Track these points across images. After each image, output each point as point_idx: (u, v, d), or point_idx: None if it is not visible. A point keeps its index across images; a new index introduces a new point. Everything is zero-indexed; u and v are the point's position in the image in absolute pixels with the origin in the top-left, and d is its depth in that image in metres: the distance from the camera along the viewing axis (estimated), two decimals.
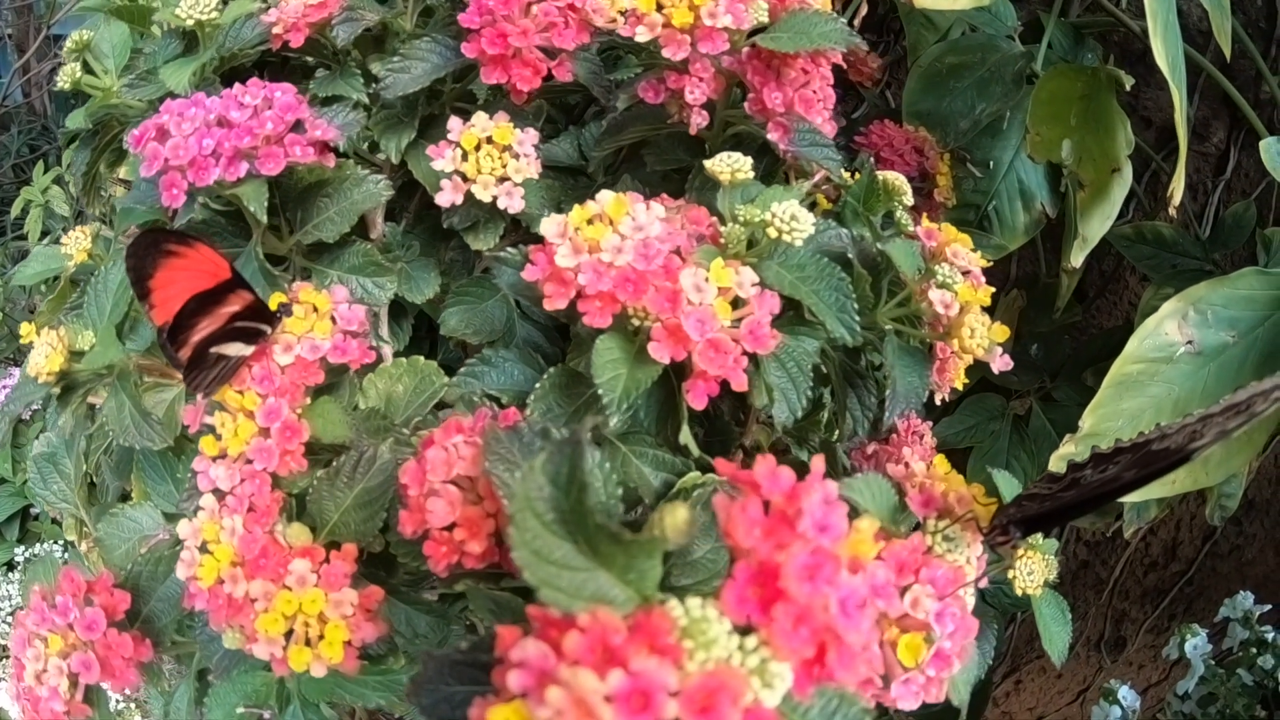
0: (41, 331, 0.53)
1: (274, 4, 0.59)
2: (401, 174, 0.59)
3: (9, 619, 1.30)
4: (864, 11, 0.63)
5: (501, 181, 0.51)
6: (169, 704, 0.57)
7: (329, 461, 0.46)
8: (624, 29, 0.50)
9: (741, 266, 0.42)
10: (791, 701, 0.25)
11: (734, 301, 0.42)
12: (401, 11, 0.59)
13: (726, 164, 0.47)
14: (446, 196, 0.51)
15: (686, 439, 0.43)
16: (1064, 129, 0.73)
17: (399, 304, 0.60)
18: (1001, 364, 0.52)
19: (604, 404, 0.39)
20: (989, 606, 0.59)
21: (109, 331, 0.54)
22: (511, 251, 0.45)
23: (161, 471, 0.61)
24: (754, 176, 0.48)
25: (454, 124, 0.52)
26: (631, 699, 0.22)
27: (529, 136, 0.52)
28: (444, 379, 0.51)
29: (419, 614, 0.48)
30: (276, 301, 0.47)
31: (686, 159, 0.58)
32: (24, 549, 1.37)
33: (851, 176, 0.58)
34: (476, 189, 0.51)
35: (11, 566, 1.36)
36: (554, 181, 0.59)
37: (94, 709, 0.48)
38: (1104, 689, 0.84)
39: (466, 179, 0.51)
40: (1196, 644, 0.82)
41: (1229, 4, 0.70)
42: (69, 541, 0.72)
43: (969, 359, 0.52)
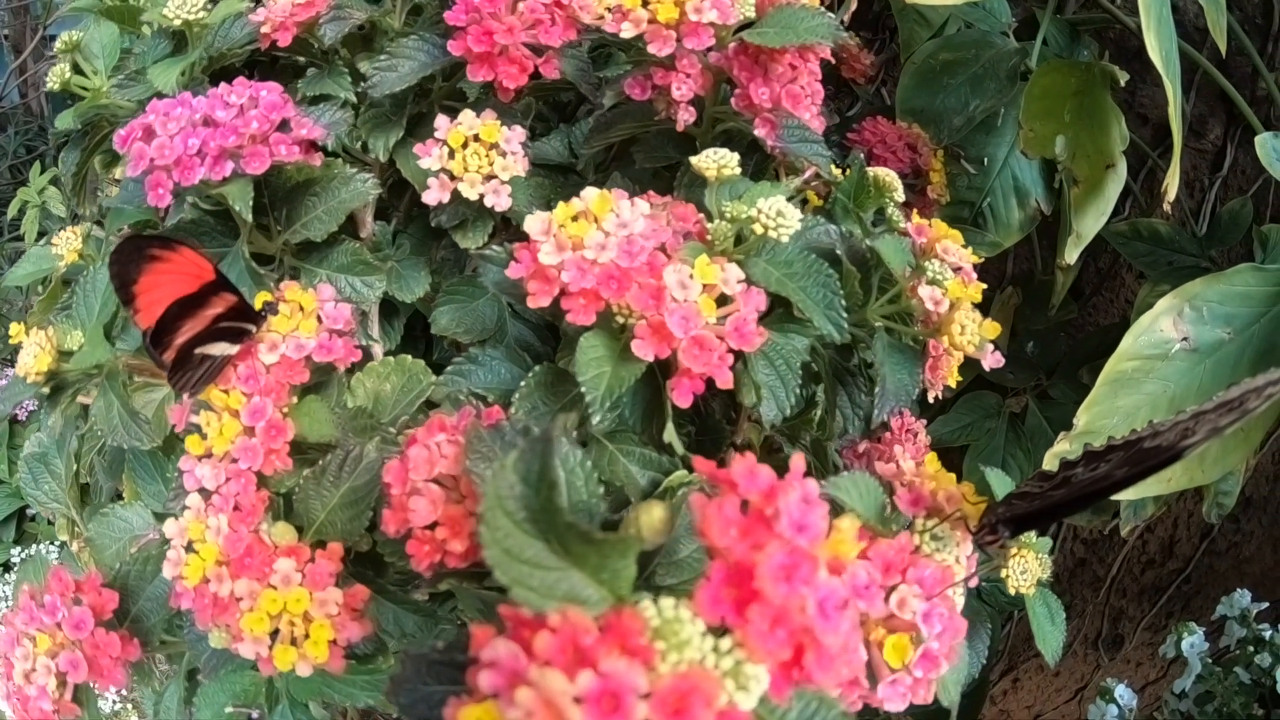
0: (30, 332, 0.53)
1: (264, 3, 0.59)
2: (391, 173, 0.59)
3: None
4: (854, 7, 0.63)
5: (488, 179, 0.51)
6: (159, 703, 0.57)
7: (317, 461, 0.46)
8: (609, 25, 0.49)
9: (727, 263, 0.42)
10: (769, 704, 0.25)
11: (720, 298, 0.42)
12: (390, 10, 0.59)
13: (713, 160, 0.46)
14: (433, 194, 0.51)
15: (671, 437, 0.43)
16: (1058, 125, 0.72)
17: (391, 303, 0.60)
18: (992, 361, 0.51)
19: (587, 402, 0.39)
20: (985, 605, 0.58)
21: (97, 331, 0.54)
22: (496, 249, 0.45)
23: (152, 471, 0.61)
24: (745, 174, 0.48)
25: (441, 122, 0.51)
26: (601, 701, 0.22)
27: (516, 134, 0.52)
28: (431, 378, 0.51)
29: (407, 613, 0.48)
30: (261, 300, 0.47)
31: (676, 156, 0.57)
32: (20, 550, 1.37)
33: (843, 173, 0.57)
34: (463, 187, 0.51)
35: (8, 568, 1.36)
36: (545, 180, 0.59)
37: (83, 708, 0.48)
38: (1101, 688, 0.83)
39: (453, 177, 0.51)
40: (1193, 642, 0.82)
41: (1225, 0, 0.70)
42: (63, 542, 0.72)
43: (960, 356, 0.51)
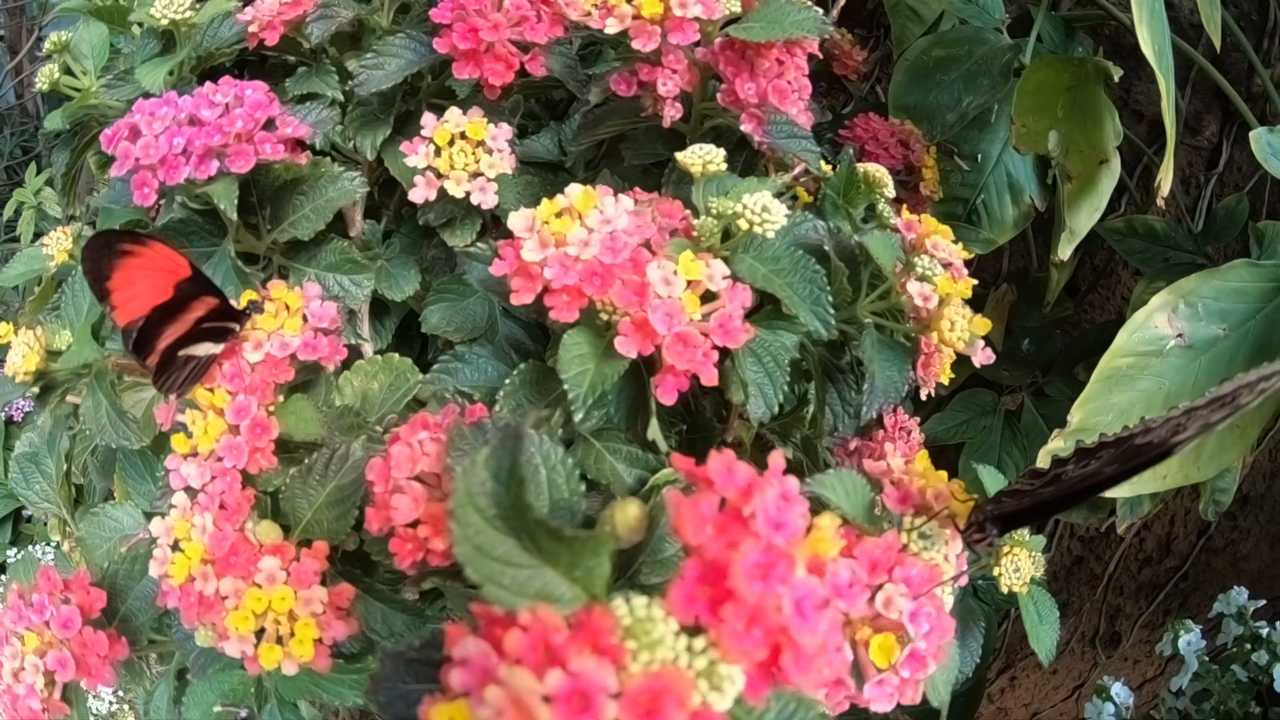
0: (19, 331, 0.53)
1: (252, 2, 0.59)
2: (381, 171, 0.58)
3: None
4: (842, 3, 0.62)
5: (474, 177, 0.51)
6: (149, 702, 0.57)
7: (304, 459, 0.46)
8: (595, 21, 0.49)
9: (712, 259, 0.41)
10: (745, 705, 0.25)
11: (705, 295, 0.41)
12: (377, 8, 0.59)
13: (698, 156, 0.46)
14: (420, 192, 0.51)
15: (655, 435, 0.43)
16: (1050, 120, 0.72)
17: (384, 302, 0.60)
18: (983, 357, 0.51)
19: (570, 399, 0.39)
20: (981, 603, 0.58)
21: (85, 331, 0.54)
22: (481, 247, 0.45)
23: (142, 470, 0.61)
24: (735, 170, 0.47)
25: (428, 120, 0.51)
26: (571, 700, 0.21)
27: (502, 132, 0.51)
28: (419, 376, 0.51)
29: (395, 613, 0.47)
30: (246, 298, 0.47)
31: (665, 153, 0.57)
32: (16, 551, 1.37)
33: (833, 169, 0.57)
34: (449, 184, 0.50)
35: (3, 569, 1.36)
36: (534, 177, 0.59)
37: (72, 707, 0.48)
38: (1098, 686, 0.83)
39: (439, 175, 0.51)
40: (1190, 640, 0.81)
41: None
42: (57, 543, 0.72)
43: (951, 352, 0.51)
